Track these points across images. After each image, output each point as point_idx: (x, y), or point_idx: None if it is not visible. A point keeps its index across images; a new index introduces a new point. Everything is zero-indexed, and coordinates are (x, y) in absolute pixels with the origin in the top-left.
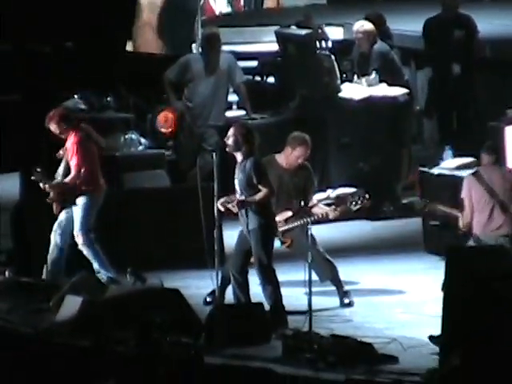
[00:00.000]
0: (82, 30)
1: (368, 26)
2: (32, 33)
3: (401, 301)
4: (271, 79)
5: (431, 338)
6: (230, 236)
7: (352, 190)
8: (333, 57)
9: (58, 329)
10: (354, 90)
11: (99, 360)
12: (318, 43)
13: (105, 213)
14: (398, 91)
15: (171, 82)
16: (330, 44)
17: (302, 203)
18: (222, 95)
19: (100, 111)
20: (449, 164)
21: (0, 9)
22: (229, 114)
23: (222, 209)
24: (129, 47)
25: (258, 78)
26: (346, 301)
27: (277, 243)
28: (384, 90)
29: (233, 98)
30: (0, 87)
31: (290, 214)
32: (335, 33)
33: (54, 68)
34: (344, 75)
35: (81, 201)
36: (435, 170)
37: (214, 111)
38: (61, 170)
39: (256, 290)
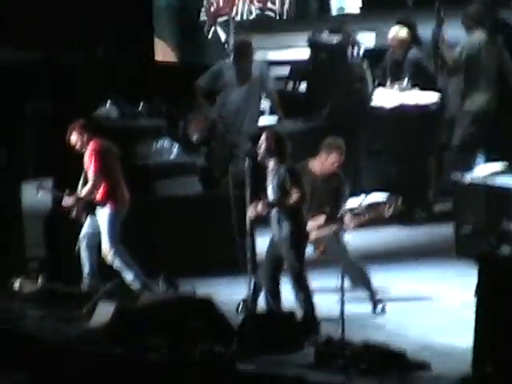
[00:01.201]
0: (111, 38)
1: (403, 32)
2: (62, 41)
3: (433, 307)
4: (303, 86)
5: None
6: (262, 243)
7: (384, 195)
8: (365, 63)
9: (90, 336)
10: (386, 98)
11: (131, 367)
12: (349, 50)
13: (137, 220)
14: (429, 98)
15: (203, 89)
16: (361, 51)
17: (335, 210)
18: (255, 103)
19: (132, 119)
20: (481, 170)
21: (31, 18)
22: (261, 121)
23: (253, 212)
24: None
25: (290, 85)
26: (379, 307)
27: (309, 250)
28: (416, 97)
29: (265, 105)
30: (31, 95)
31: (322, 220)
32: (367, 39)
33: (86, 76)
34: (375, 82)
35: (104, 215)
36: (467, 177)
37: (247, 119)
38: (81, 181)
39: (288, 298)
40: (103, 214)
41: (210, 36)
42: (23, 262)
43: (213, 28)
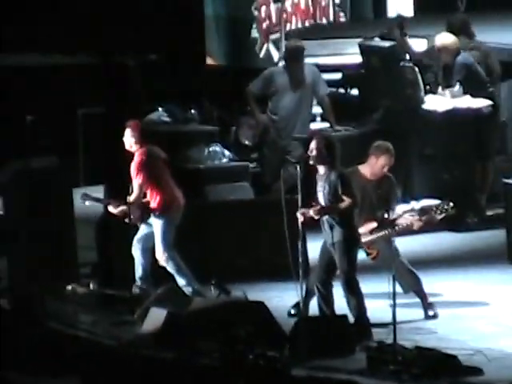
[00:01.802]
0: (164, 43)
1: (449, 38)
2: (116, 46)
3: (485, 312)
4: (355, 91)
5: None
6: (314, 248)
7: (436, 201)
8: (416, 69)
9: (141, 341)
10: (438, 102)
11: (183, 373)
12: (401, 55)
13: (188, 225)
14: (481, 103)
15: (254, 95)
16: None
17: (386, 215)
18: (307, 108)
19: (184, 124)
20: None
21: (85, 22)
22: (313, 126)
23: (302, 218)
24: None
25: (341, 90)
26: (431, 313)
27: (362, 255)
28: (468, 102)
29: (317, 110)
30: (85, 100)
31: (374, 225)
32: (419, 45)
33: (138, 81)
34: (427, 87)
35: (158, 221)
36: None
37: (299, 124)
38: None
39: (340, 303)
40: (157, 220)
41: (261, 55)
42: (75, 267)
43: (265, 46)
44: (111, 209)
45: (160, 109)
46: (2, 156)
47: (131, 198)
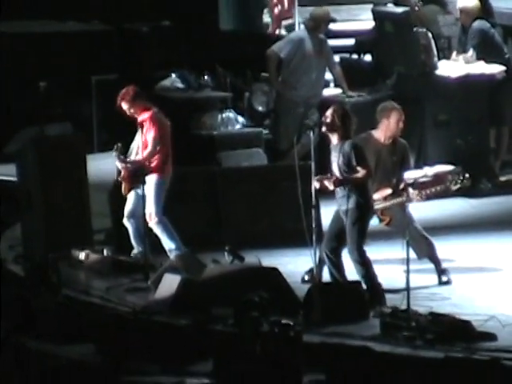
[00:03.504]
0: (178, 9)
1: (472, 1)
2: (129, 12)
3: (498, 278)
4: (368, 57)
5: None
6: (328, 214)
7: (450, 167)
8: (430, 34)
9: (156, 307)
10: (451, 68)
11: (197, 339)
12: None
13: (202, 191)
14: (495, 68)
15: (279, 58)
16: None
17: (401, 181)
18: (324, 75)
19: (197, 90)
20: None
21: None
22: (326, 92)
23: (318, 185)
24: None
25: (354, 56)
26: (444, 278)
27: (375, 221)
28: (481, 68)
29: (330, 76)
30: (99, 67)
31: (389, 191)
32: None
33: (151, 47)
34: (441, 53)
35: (152, 182)
36: None
37: (319, 91)
38: (134, 147)
39: (352, 268)
40: (151, 182)
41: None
42: (89, 233)
43: (277, 31)
44: (118, 163)
45: (173, 75)
46: (17, 123)
47: (145, 153)
